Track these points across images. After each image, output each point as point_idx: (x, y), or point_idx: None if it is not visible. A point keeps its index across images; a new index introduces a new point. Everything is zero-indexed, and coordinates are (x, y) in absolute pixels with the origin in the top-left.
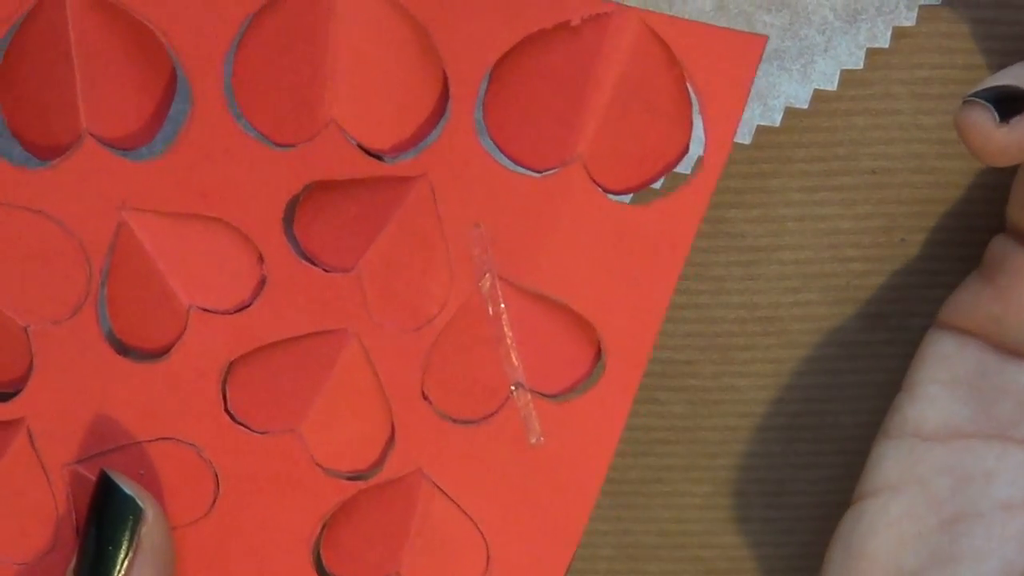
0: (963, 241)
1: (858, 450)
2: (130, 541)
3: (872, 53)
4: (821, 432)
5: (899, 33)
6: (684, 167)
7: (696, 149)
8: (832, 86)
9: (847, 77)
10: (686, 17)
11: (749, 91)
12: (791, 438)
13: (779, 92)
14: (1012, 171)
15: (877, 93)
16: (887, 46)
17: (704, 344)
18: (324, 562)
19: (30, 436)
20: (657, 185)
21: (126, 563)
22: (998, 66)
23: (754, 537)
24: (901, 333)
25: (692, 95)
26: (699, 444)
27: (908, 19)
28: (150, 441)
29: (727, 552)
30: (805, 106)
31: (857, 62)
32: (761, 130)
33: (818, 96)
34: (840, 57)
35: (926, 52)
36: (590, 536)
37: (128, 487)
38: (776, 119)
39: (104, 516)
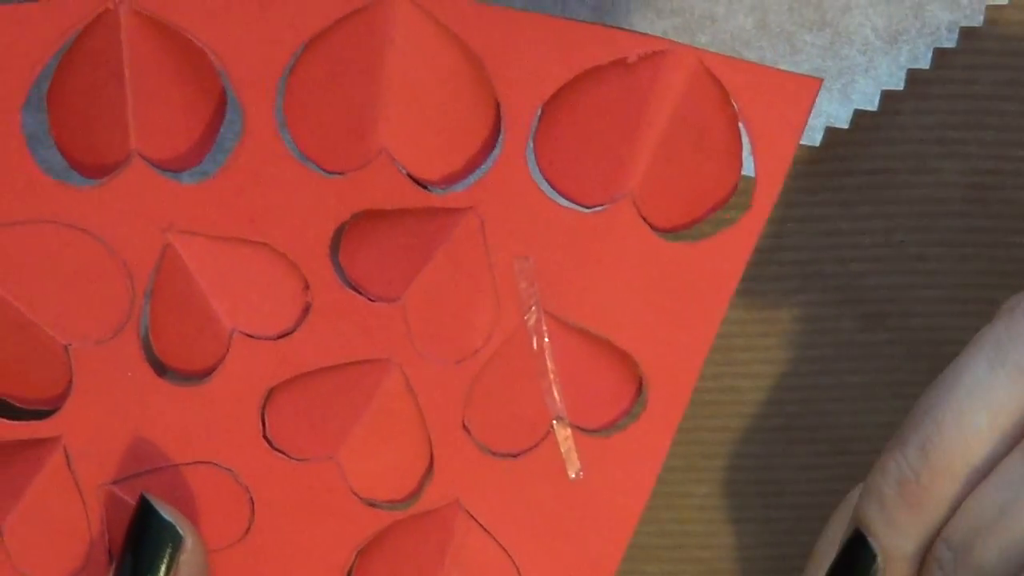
0: (963, 242)
1: (857, 451)
2: (168, 568)
3: (913, 75)
4: (820, 433)
5: (939, 54)
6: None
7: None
8: (873, 106)
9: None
10: (727, 38)
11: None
12: (790, 439)
13: (820, 111)
14: (1010, 174)
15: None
16: (928, 67)
17: None
18: None
19: (66, 455)
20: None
21: None
22: (998, 66)
23: (753, 538)
24: (900, 333)
25: (744, 135)
26: (699, 445)
27: (949, 40)
28: (187, 464)
29: (727, 552)
30: (846, 126)
31: (898, 83)
32: (802, 150)
33: (859, 116)
34: (881, 78)
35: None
36: None
37: (168, 513)
38: (816, 139)
39: (142, 542)
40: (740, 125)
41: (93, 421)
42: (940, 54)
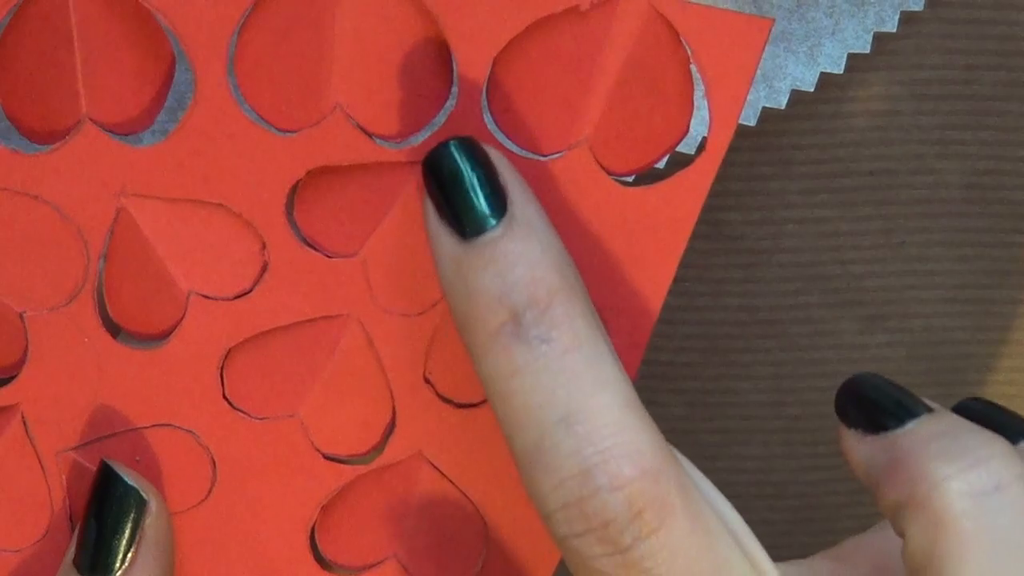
0: (963, 242)
1: None
2: (133, 532)
3: (879, 38)
4: (820, 435)
5: (906, 17)
6: (688, 148)
7: (700, 130)
8: (839, 69)
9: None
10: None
11: (754, 74)
12: (790, 440)
13: (785, 74)
14: (1010, 174)
15: (877, 93)
16: (895, 30)
17: (704, 347)
18: (319, 546)
19: (24, 422)
20: (660, 165)
21: (130, 555)
22: (998, 66)
23: None
24: (900, 335)
25: (697, 77)
26: (699, 446)
27: (916, 4)
28: (147, 427)
29: None
30: (811, 89)
31: (864, 46)
32: (767, 114)
33: (825, 80)
34: (847, 40)
35: (926, 53)
36: None
37: (130, 477)
38: (782, 101)
39: (106, 507)
40: (692, 68)
41: (51, 388)
42: (907, 17)
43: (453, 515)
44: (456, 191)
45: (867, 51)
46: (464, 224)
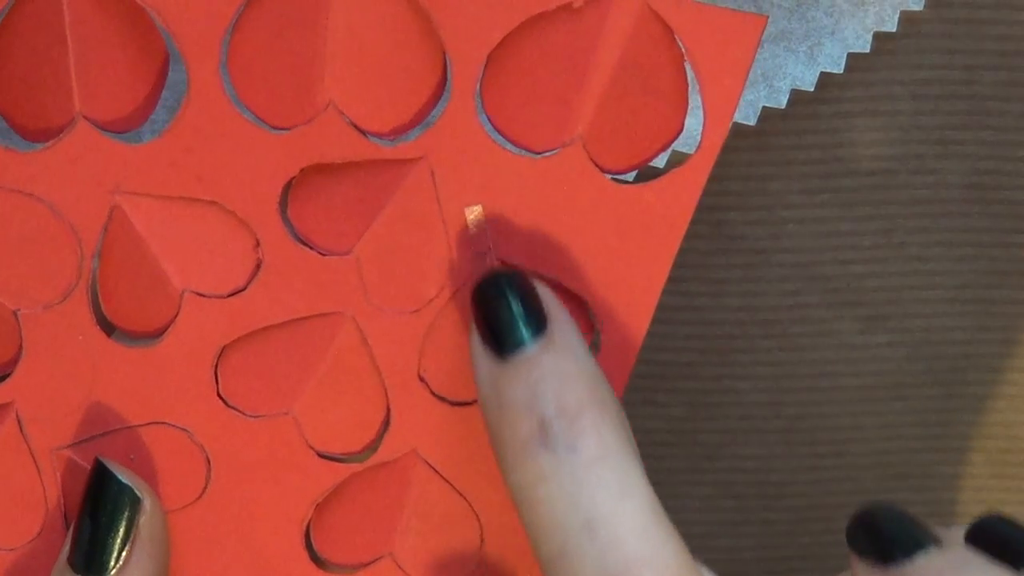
0: (963, 243)
1: (857, 452)
2: (128, 531)
3: (879, 37)
4: (820, 434)
5: (906, 18)
6: (687, 147)
7: (699, 129)
8: (839, 69)
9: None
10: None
11: (748, 71)
12: (790, 440)
13: (785, 74)
14: (1010, 174)
15: (877, 93)
16: (895, 30)
17: (704, 346)
18: (314, 545)
19: (19, 420)
20: (661, 164)
21: (124, 553)
22: (998, 66)
23: (753, 539)
24: (900, 335)
25: (691, 75)
26: (699, 446)
27: (916, 3)
28: (142, 425)
29: (727, 554)
30: (811, 89)
31: (864, 46)
32: (767, 113)
33: (824, 80)
34: (847, 40)
35: (926, 53)
36: None
37: (124, 476)
38: (782, 101)
39: (101, 505)
40: (686, 65)
41: (45, 386)
42: (907, 17)
43: (448, 513)
44: (499, 316)
45: (867, 51)
46: (503, 345)
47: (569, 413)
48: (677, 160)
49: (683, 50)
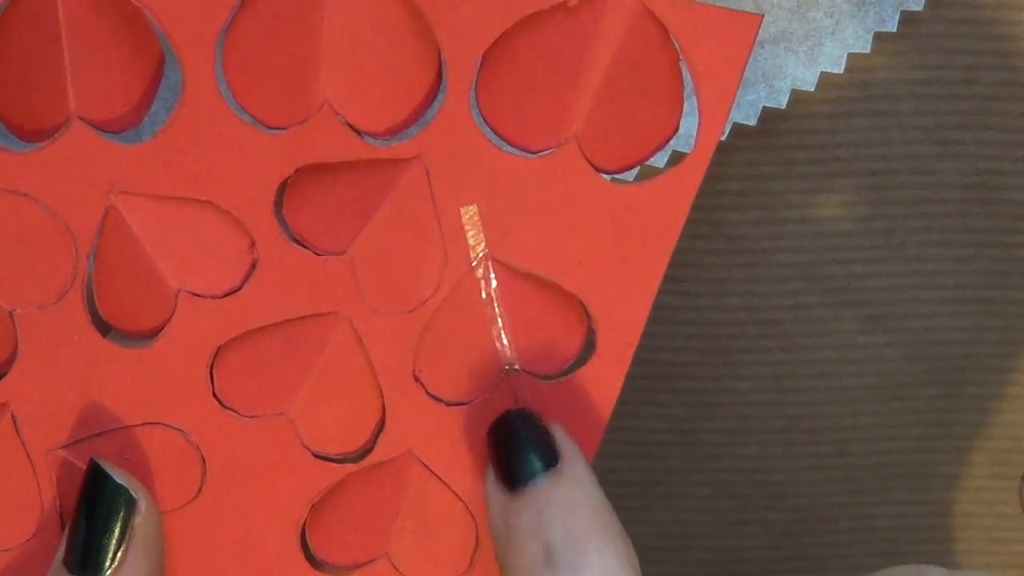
0: (963, 243)
1: (857, 452)
2: (123, 532)
3: (879, 37)
4: (820, 434)
5: (906, 17)
6: (686, 147)
7: (693, 128)
8: (839, 69)
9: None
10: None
11: (744, 70)
12: (791, 440)
13: (786, 74)
14: (1010, 174)
15: (877, 93)
16: (895, 30)
17: (704, 346)
18: (310, 545)
19: (14, 421)
20: (660, 164)
21: (119, 554)
22: (998, 66)
23: (754, 539)
24: (900, 335)
25: (687, 74)
26: (699, 446)
27: (916, 3)
28: (137, 426)
29: (727, 554)
30: (812, 89)
31: (864, 46)
32: (767, 113)
33: (825, 80)
34: (847, 40)
35: (926, 53)
36: None
37: (120, 476)
38: (782, 101)
39: (96, 506)
40: (681, 64)
41: (40, 386)
42: (907, 17)
43: (443, 513)
44: (513, 454)
45: (867, 51)
46: (516, 479)
47: (575, 539)
48: (676, 160)
49: (678, 49)
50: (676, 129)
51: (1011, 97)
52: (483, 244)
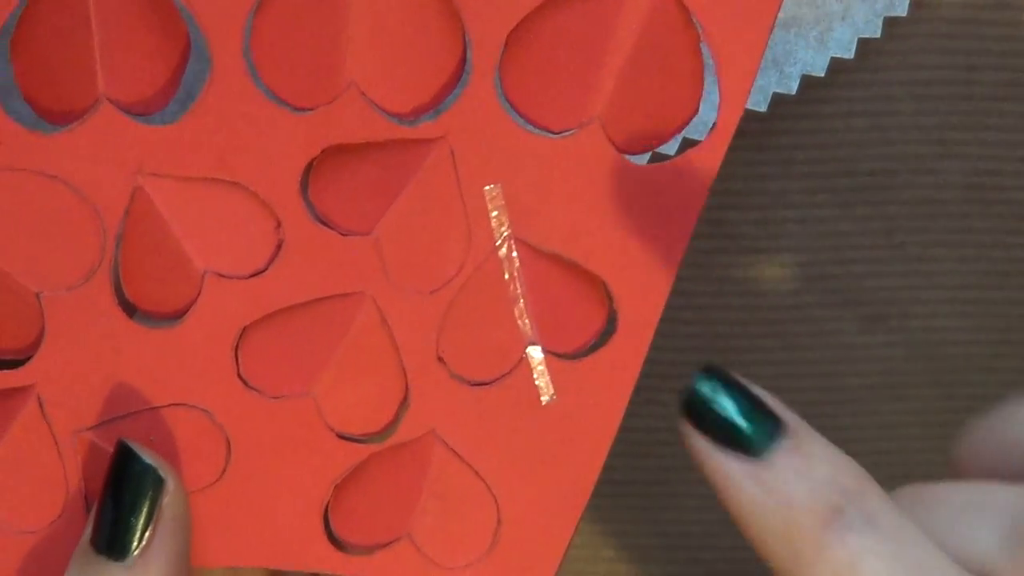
0: (963, 242)
1: (857, 452)
2: (151, 511)
3: (890, 23)
4: (821, 434)
5: (918, 4)
6: (699, 134)
7: (711, 116)
8: (849, 54)
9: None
10: None
11: (763, 51)
12: None
13: (796, 59)
14: (1010, 174)
15: (877, 93)
16: (905, 14)
17: (704, 346)
18: (332, 525)
19: (40, 403)
20: (671, 152)
21: (147, 534)
22: (998, 66)
23: None
24: (900, 335)
25: (707, 55)
26: None
27: None
28: (162, 407)
29: (727, 553)
30: (822, 74)
31: (875, 30)
32: (774, 99)
33: (826, 79)
34: (858, 25)
35: (926, 53)
36: (591, 537)
37: (148, 456)
38: (792, 87)
39: (124, 486)
40: (702, 45)
41: (66, 368)
42: (917, 2)
43: (465, 494)
44: (730, 419)
45: (877, 35)
46: (753, 444)
47: (853, 492)
48: (687, 146)
49: (699, 30)
50: (696, 110)
51: (1011, 97)
52: (506, 224)
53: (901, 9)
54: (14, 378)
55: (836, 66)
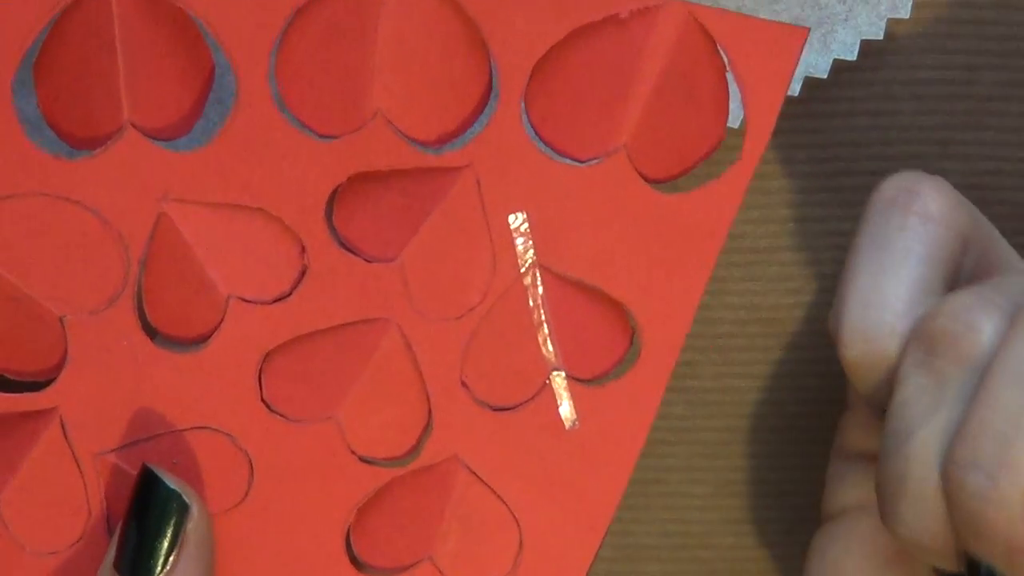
0: None
1: None
2: (175, 536)
3: (893, 24)
4: (821, 433)
5: (918, 4)
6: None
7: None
8: (852, 56)
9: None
10: None
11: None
12: (791, 439)
13: (799, 61)
14: (1010, 174)
15: (877, 93)
16: (908, 16)
17: (704, 345)
18: (354, 549)
19: (63, 426)
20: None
21: (172, 558)
22: (998, 66)
23: (754, 538)
24: None
25: (733, 85)
26: (699, 445)
27: None
28: (185, 430)
29: (727, 553)
30: (825, 76)
31: (878, 32)
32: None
33: (826, 80)
34: (860, 27)
35: (926, 53)
36: None
37: (173, 482)
38: (796, 89)
39: (148, 511)
40: (728, 76)
41: (89, 391)
42: (920, 3)
43: (488, 518)
44: None
45: (880, 38)
46: None
47: None
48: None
49: (726, 61)
50: (722, 139)
51: (1011, 97)
52: (532, 252)
53: (904, 11)
54: (37, 400)
55: (837, 66)
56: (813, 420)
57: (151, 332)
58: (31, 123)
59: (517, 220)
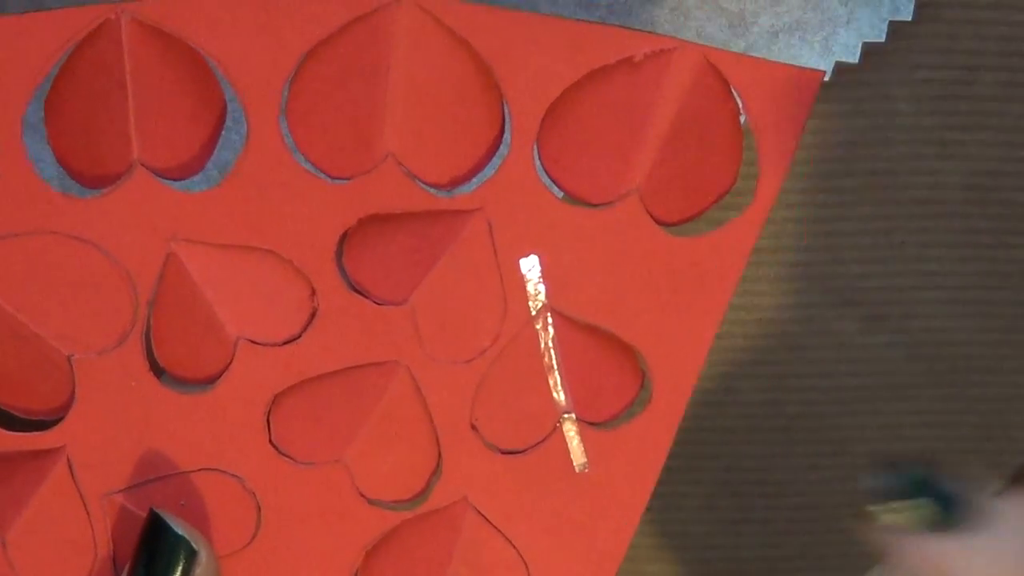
0: (963, 243)
1: (857, 451)
2: None
3: (894, 26)
4: (820, 433)
5: (919, 5)
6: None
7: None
8: (854, 59)
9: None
10: None
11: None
12: (790, 439)
13: (801, 64)
14: (1010, 174)
15: (877, 93)
16: (910, 19)
17: None
18: None
19: (70, 465)
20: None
21: None
22: (998, 66)
23: (754, 538)
24: (900, 335)
25: (748, 128)
26: (699, 445)
27: None
28: (193, 471)
29: (727, 553)
30: (826, 78)
31: (880, 35)
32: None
33: (839, 68)
34: (862, 30)
35: (926, 53)
36: None
37: (181, 528)
38: None
39: (156, 557)
40: (742, 119)
41: (97, 431)
42: (922, 6)
43: (497, 561)
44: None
45: (882, 40)
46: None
47: None
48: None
49: (740, 104)
50: (735, 182)
51: (1011, 97)
52: (543, 295)
53: (906, 13)
54: (44, 440)
55: (838, 68)
56: (812, 421)
57: (159, 372)
58: (41, 160)
59: (528, 263)
